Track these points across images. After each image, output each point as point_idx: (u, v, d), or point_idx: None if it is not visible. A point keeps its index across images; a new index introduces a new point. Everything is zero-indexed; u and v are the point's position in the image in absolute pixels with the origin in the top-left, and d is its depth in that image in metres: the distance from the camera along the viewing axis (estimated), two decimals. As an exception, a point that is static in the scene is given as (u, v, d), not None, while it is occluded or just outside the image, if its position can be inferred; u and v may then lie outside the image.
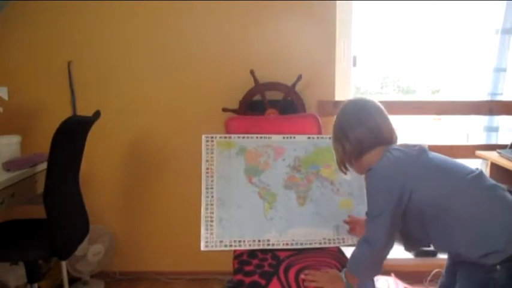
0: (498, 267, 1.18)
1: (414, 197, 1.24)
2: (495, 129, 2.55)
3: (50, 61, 2.34)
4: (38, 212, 1.81)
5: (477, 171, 1.27)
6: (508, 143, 2.27)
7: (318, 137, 1.83)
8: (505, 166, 2.05)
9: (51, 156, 1.71)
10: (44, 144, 1.78)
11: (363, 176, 1.71)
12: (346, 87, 2.42)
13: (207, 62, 2.32)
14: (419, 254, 2.32)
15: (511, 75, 2.49)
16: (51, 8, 2.29)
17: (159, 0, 2.27)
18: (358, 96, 2.29)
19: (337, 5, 2.28)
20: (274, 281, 1.49)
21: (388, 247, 1.31)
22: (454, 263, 1.37)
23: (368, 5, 2.42)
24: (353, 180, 1.73)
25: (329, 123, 2.34)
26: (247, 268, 1.56)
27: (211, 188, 1.69)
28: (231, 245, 1.62)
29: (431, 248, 1.38)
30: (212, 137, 1.77)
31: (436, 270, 2.19)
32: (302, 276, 1.42)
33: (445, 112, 2.46)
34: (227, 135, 1.81)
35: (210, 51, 2.31)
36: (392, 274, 2.26)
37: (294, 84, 2.21)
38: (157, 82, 2.36)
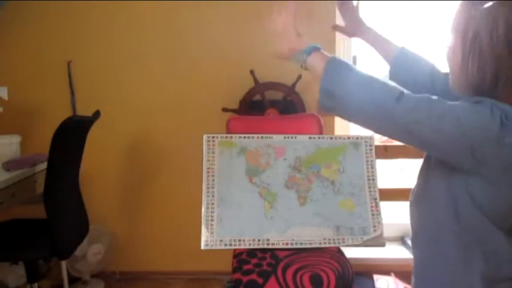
0: None
1: None
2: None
3: (50, 61, 2.34)
4: (38, 212, 1.81)
5: None
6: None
7: (319, 137, 1.82)
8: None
9: (51, 156, 1.71)
10: (44, 144, 1.78)
11: (363, 176, 1.71)
12: (346, 87, 2.41)
13: (207, 62, 2.32)
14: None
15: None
16: (51, 8, 2.29)
17: (159, 0, 2.27)
18: None
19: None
20: (272, 279, 1.49)
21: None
22: None
23: (368, 5, 2.42)
24: (354, 180, 1.73)
25: (329, 123, 2.37)
26: (246, 267, 1.56)
27: (212, 188, 1.68)
28: (230, 244, 1.61)
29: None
30: (214, 137, 1.76)
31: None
32: None
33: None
34: (228, 135, 1.80)
35: (210, 51, 2.31)
36: (392, 274, 2.26)
37: (294, 84, 2.21)
38: (158, 82, 2.36)
